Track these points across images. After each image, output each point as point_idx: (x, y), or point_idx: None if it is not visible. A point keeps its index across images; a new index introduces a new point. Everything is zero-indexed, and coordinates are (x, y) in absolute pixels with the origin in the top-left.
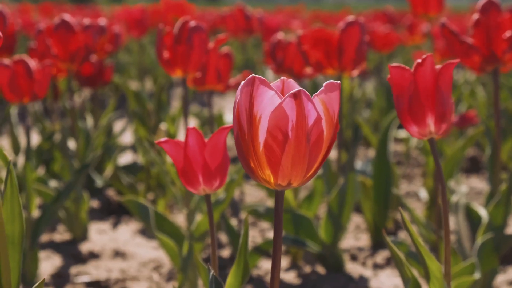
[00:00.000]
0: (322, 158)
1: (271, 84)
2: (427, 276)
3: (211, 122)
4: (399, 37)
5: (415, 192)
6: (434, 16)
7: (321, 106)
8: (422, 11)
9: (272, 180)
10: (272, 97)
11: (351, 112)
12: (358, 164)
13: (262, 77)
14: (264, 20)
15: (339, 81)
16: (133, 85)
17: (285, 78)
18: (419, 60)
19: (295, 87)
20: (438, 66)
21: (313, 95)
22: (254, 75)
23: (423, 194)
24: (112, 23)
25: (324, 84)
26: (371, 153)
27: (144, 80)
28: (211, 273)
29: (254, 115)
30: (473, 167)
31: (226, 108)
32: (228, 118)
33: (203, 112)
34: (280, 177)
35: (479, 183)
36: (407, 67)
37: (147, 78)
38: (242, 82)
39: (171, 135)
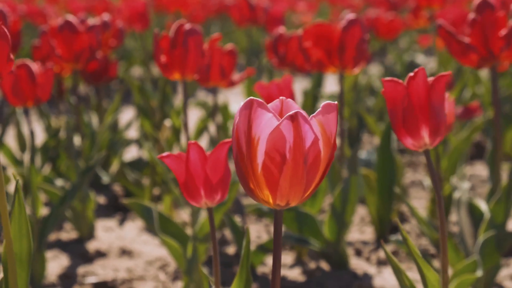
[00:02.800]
0: (320, 177)
1: (269, 105)
2: (425, 286)
3: (215, 114)
4: (403, 23)
5: (420, 181)
6: (438, 8)
7: (318, 127)
8: (426, 4)
9: (270, 200)
10: (269, 119)
11: (356, 100)
12: (363, 154)
13: (260, 100)
14: (268, 10)
15: (336, 102)
16: (138, 71)
17: (283, 98)
18: (412, 74)
19: (294, 107)
20: (430, 79)
21: (311, 116)
22: (252, 97)
23: (427, 182)
24: (115, 17)
25: (321, 105)
26: (376, 140)
27: (149, 65)
28: None
29: (252, 137)
30: (478, 153)
31: (232, 96)
32: (234, 108)
33: (208, 101)
34: (278, 197)
35: (483, 171)
36: (400, 81)
37: (153, 63)
38: (241, 104)
39: (176, 129)
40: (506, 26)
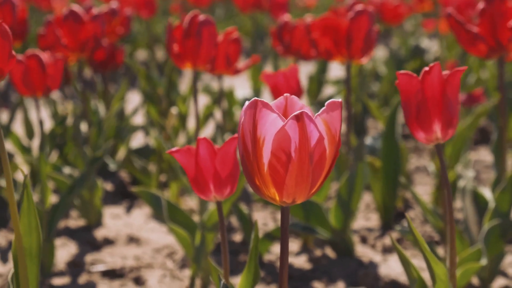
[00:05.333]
0: (325, 174)
1: (273, 103)
2: (433, 280)
3: (221, 100)
4: (408, 8)
5: (425, 167)
6: None
7: (323, 126)
8: None
9: (277, 198)
10: (274, 119)
11: (361, 85)
12: (368, 140)
13: (265, 100)
14: None
15: (340, 99)
16: (142, 54)
17: (288, 94)
18: (427, 68)
19: (298, 104)
20: (445, 72)
21: (315, 115)
22: (256, 98)
23: (432, 168)
24: (122, 4)
25: (326, 104)
26: (381, 125)
27: (154, 48)
28: (222, 282)
29: (258, 137)
30: (482, 138)
31: (237, 81)
32: (239, 93)
33: (213, 86)
34: (284, 195)
35: (488, 156)
36: (415, 75)
37: (157, 47)
38: (246, 103)
39: (182, 115)
40: None
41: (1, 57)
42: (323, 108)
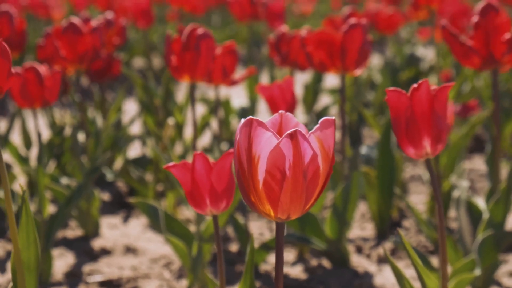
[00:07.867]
0: (319, 191)
1: (268, 120)
2: None
3: (217, 110)
4: (403, 17)
5: (420, 176)
6: (436, 6)
7: (316, 143)
8: (425, 2)
9: (272, 214)
10: (269, 138)
11: (356, 94)
12: (363, 149)
13: (260, 119)
14: (269, 5)
15: (333, 117)
16: (139, 62)
17: (283, 111)
18: (415, 85)
19: (293, 121)
20: (434, 88)
21: (309, 132)
22: (251, 117)
23: (427, 177)
24: (118, 13)
25: (319, 121)
26: (377, 133)
27: (151, 56)
28: None
29: (253, 155)
30: (477, 146)
31: (233, 90)
32: (236, 102)
33: (210, 94)
34: (279, 211)
35: (482, 165)
36: (404, 91)
37: (154, 55)
38: (242, 121)
39: (179, 125)
40: (509, 31)
41: (0, 75)
42: (317, 125)
